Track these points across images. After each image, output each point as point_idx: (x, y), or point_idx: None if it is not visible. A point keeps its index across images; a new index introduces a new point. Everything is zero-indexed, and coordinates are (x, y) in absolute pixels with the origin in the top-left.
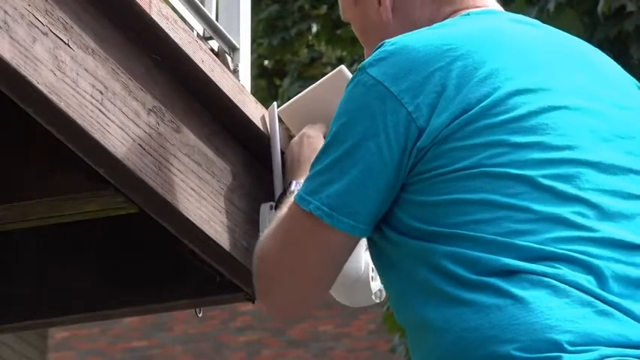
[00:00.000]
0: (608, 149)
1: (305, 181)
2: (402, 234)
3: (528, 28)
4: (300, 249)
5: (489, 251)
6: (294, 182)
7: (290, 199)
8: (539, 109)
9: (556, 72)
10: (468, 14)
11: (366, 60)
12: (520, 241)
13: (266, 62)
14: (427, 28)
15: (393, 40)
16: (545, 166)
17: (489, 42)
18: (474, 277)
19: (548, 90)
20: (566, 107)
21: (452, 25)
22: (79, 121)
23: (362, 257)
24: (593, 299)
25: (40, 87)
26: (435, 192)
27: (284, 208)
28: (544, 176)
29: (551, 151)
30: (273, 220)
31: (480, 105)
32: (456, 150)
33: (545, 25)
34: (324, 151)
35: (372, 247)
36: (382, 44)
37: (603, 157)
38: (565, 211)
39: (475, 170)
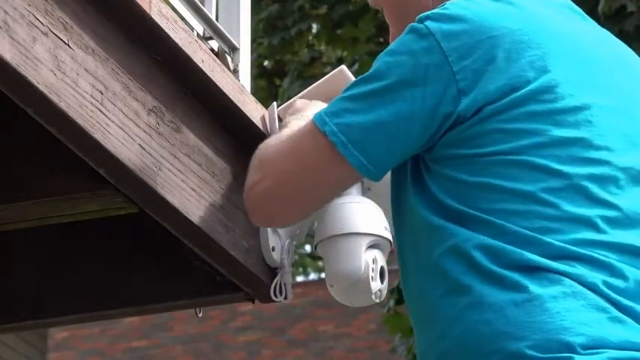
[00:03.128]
0: (638, 154)
1: (331, 103)
2: (429, 209)
3: (579, 20)
4: (304, 165)
5: (515, 244)
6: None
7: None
8: (583, 104)
9: (599, 68)
10: None
11: (426, 13)
12: (546, 238)
13: (266, 62)
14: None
15: (456, 2)
16: (584, 164)
17: (544, 27)
18: (496, 268)
19: (592, 85)
20: (605, 106)
21: (513, 3)
22: (79, 121)
23: (362, 257)
24: (608, 305)
25: (40, 87)
26: (472, 172)
27: (297, 121)
28: (580, 175)
29: (591, 150)
30: (284, 126)
31: (529, 87)
32: (498, 132)
33: (591, 19)
34: (359, 81)
35: (397, 204)
36: (444, 4)
37: (634, 162)
38: (593, 214)
39: (515, 157)
